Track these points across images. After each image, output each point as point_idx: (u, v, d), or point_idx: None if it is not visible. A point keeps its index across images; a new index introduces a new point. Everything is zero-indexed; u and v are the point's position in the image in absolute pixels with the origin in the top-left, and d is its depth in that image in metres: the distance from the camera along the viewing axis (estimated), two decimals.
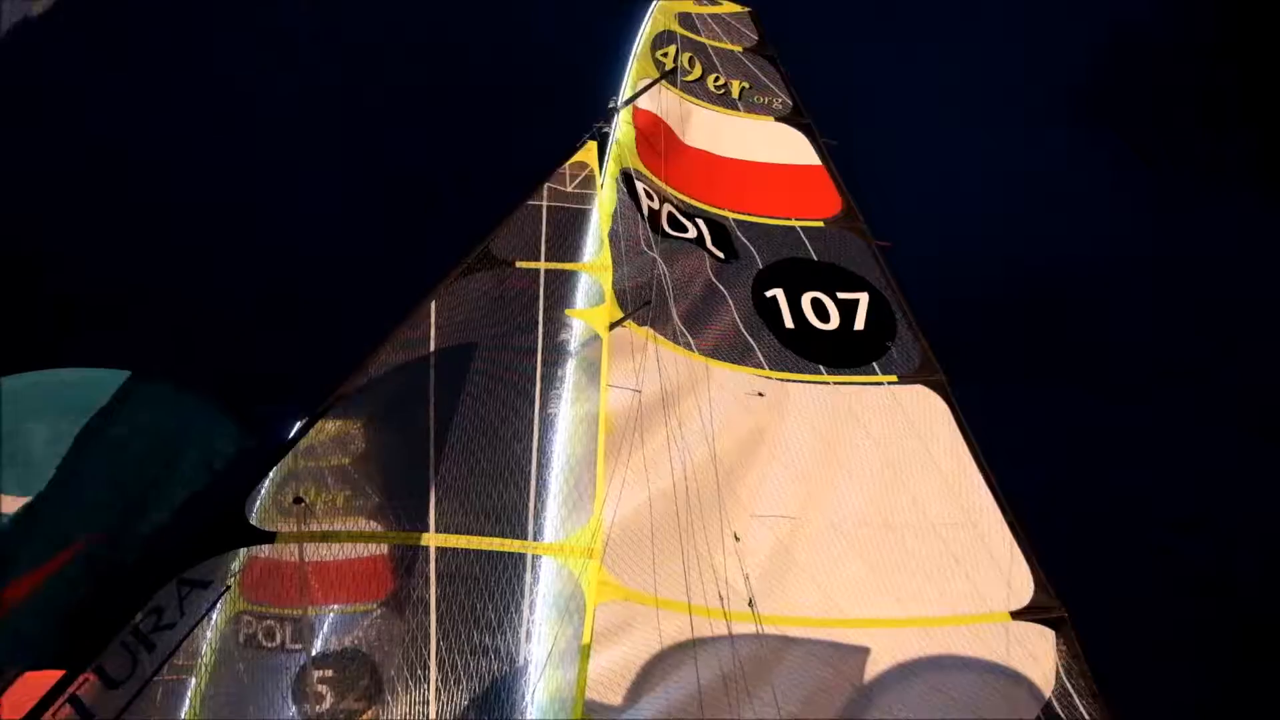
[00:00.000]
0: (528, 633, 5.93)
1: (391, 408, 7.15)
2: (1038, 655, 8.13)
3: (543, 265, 8.35)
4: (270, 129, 17.25)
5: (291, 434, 6.67)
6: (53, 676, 5.56)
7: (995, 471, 9.22)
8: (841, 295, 10.62)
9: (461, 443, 6.86)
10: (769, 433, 9.00)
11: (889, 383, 9.84)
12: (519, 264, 8.26)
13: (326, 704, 6.07)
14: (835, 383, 9.72)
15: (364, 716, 6.08)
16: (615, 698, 6.67)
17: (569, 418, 7.28)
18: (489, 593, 5.95)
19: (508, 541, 6.24)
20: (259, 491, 6.33)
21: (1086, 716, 7.89)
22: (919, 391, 9.80)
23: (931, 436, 9.45)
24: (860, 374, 9.86)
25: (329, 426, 6.88)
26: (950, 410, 9.68)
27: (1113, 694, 8.04)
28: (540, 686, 5.83)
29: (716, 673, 6.80)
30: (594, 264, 8.60)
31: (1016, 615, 8.25)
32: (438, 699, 5.50)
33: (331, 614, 6.46)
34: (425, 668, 5.68)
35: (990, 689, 7.79)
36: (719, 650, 6.89)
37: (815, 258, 11.00)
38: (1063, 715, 7.87)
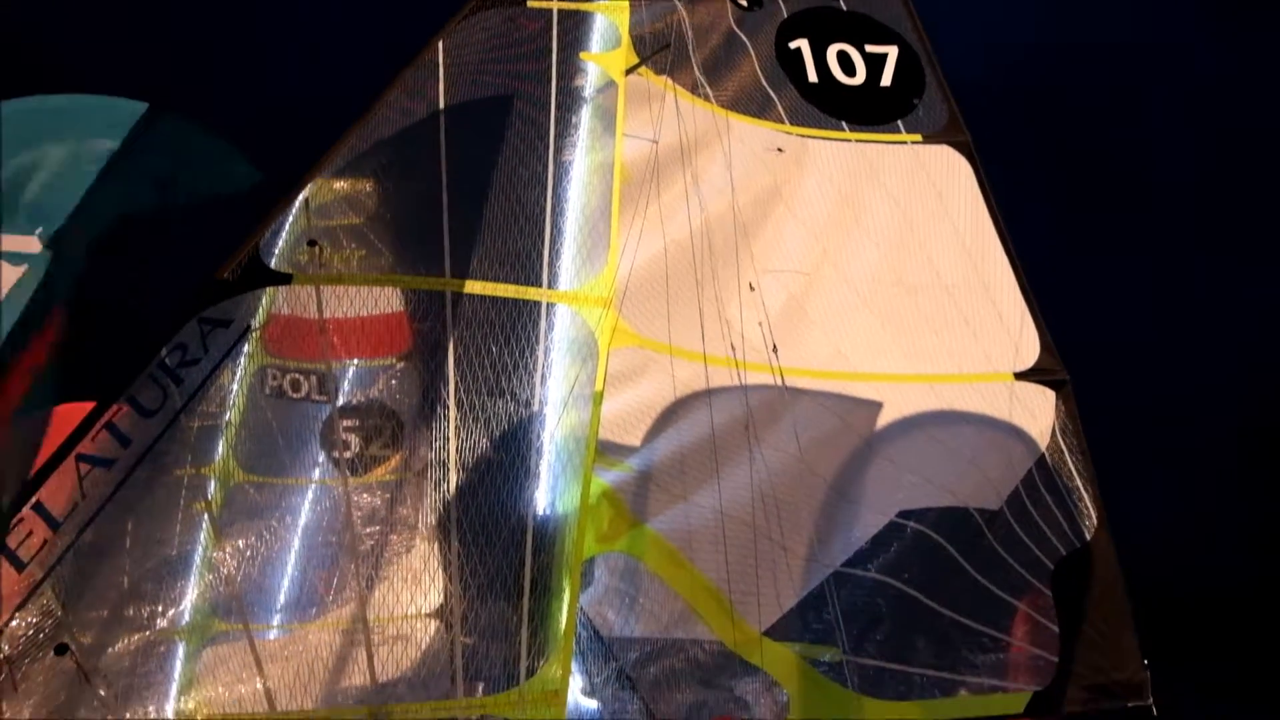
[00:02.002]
0: (542, 376, 6.05)
1: (401, 153, 6.93)
2: (1037, 413, 8.36)
3: (555, 4, 7.83)
4: None
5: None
6: (83, 409, 5.73)
7: (1011, 236, 9.12)
8: (869, 48, 10.05)
9: (475, 189, 6.71)
10: (787, 188, 8.79)
11: (913, 142, 9.51)
12: (530, 2, 7.75)
13: (353, 450, 6.29)
14: (857, 140, 9.39)
15: (390, 461, 6.32)
16: (630, 438, 6.92)
17: (584, 166, 7.08)
18: (504, 337, 6.01)
19: (523, 289, 6.23)
20: (275, 235, 6.27)
21: (1075, 472, 8.22)
22: (943, 152, 9.50)
23: (952, 198, 9.25)
24: (884, 132, 9.51)
25: (339, 178, 6.72)
26: (974, 172, 9.42)
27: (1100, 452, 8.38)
28: (556, 426, 6.01)
29: (728, 418, 7.01)
30: (609, 5, 8.07)
31: (1020, 376, 8.41)
32: (456, 436, 5.68)
33: (353, 367, 6.58)
34: (445, 406, 5.82)
35: (989, 442, 8.07)
36: (731, 397, 7.08)
37: (844, 6, 10.33)
38: (1054, 470, 8.21)
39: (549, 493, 5.65)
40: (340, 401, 6.50)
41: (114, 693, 4.91)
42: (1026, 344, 8.58)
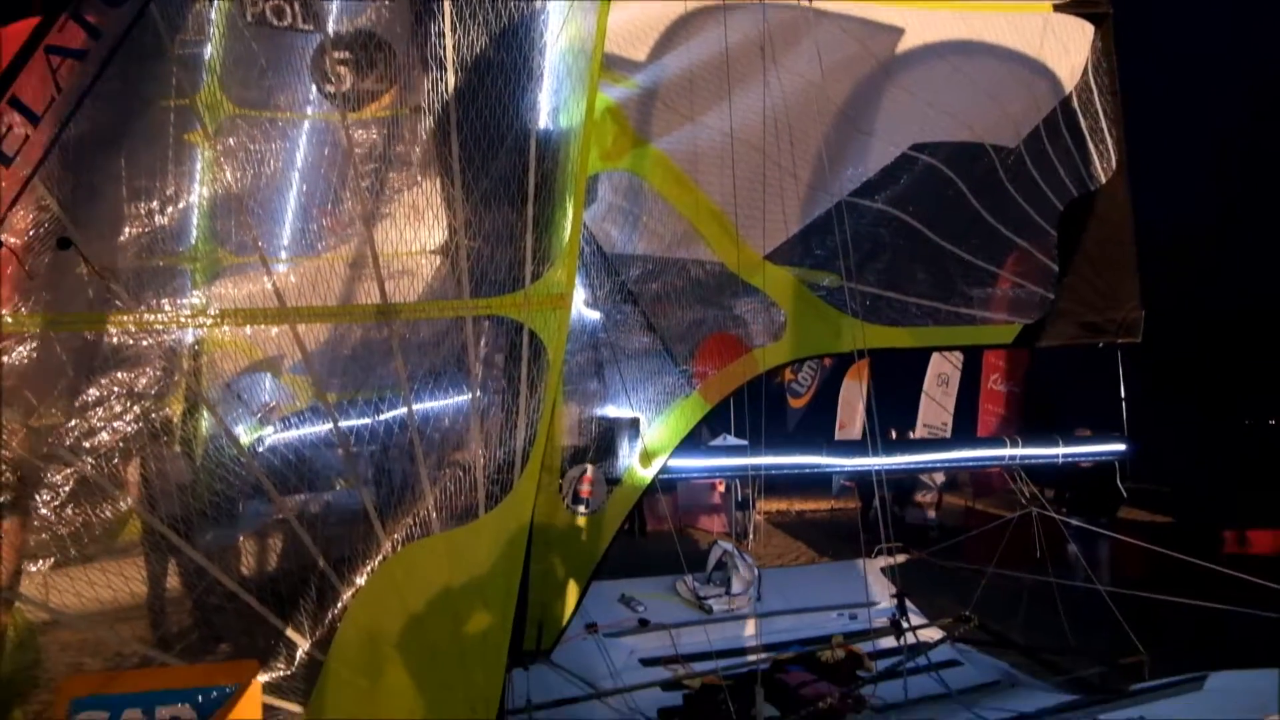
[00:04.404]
0: None
1: None
2: (1070, 49, 7.85)
3: None
4: None
5: None
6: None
7: None
8: None
9: None
10: None
11: None
12: None
13: (346, 84, 5.86)
14: None
15: (385, 97, 5.92)
16: (636, 53, 6.50)
17: None
18: None
19: None
20: None
21: (1101, 112, 7.88)
22: None
23: None
24: None
25: None
26: None
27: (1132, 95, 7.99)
28: (560, 30, 5.56)
29: (742, 37, 6.51)
30: None
31: (1059, 7, 7.79)
32: (453, 32, 5.25)
33: None
34: (439, 2, 5.34)
35: (1014, 76, 7.64)
36: (746, 14, 6.53)
37: None
38: (1079, 109, 7.86)
39: (552, 98, 5.33)
40: (328, 31, 5.97)
41: (124, 287, 4.90)
42: None
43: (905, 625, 6.65)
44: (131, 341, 4.85)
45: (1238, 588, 6.81)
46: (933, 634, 7.35)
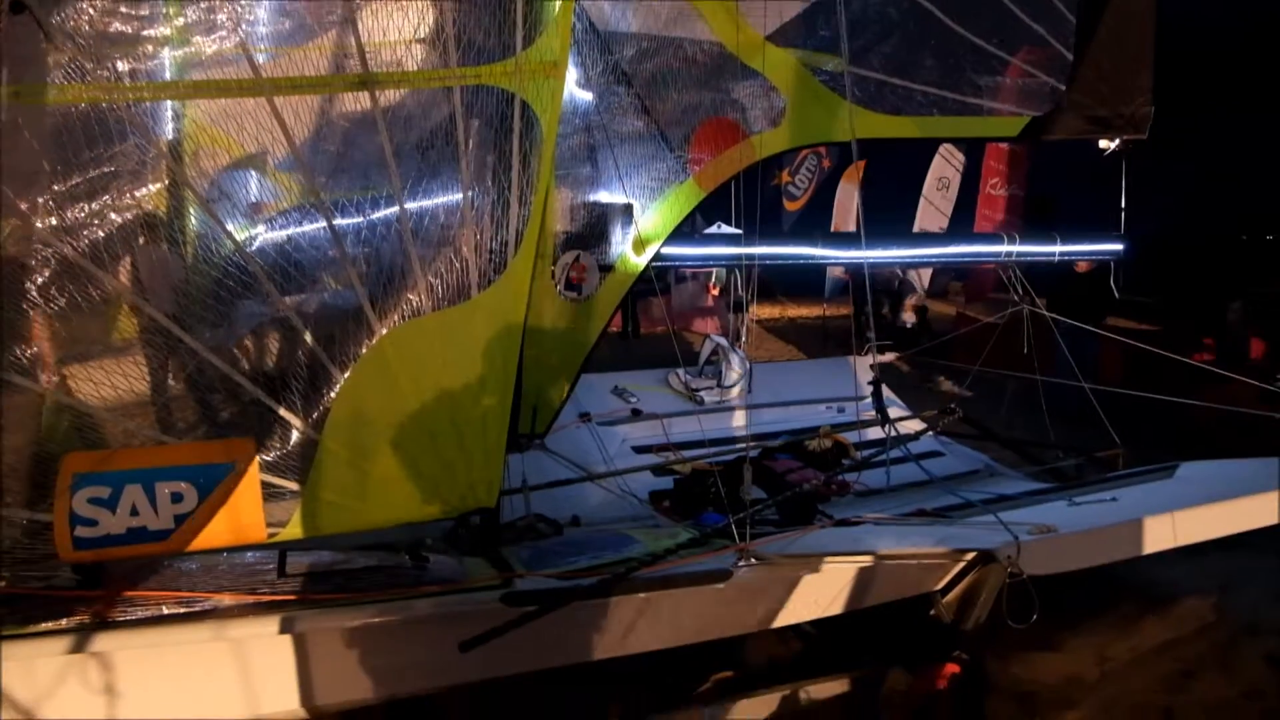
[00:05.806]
0: None
1: None
2: None
3: None
4: None
5: None
6: None
7: None
8: None
9: None
10: None
11: None
12: None
13: None
14: None
15: None
16: None
17: None
18: None
19: None
20: None
21: None
22: None
23: None
24: None
25: None
26: None
27: None
28: None
29: None
30: None
31: None
32: None
33: None
34: None
35: None
36: None
37: None
38: None
39: None
40: None
41: (87, 56, 4.59)
42: None
43: (883, 413, 6.79)
44: (102, 114, 4.59)
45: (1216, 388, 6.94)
46: (917, 425, 7.52)
